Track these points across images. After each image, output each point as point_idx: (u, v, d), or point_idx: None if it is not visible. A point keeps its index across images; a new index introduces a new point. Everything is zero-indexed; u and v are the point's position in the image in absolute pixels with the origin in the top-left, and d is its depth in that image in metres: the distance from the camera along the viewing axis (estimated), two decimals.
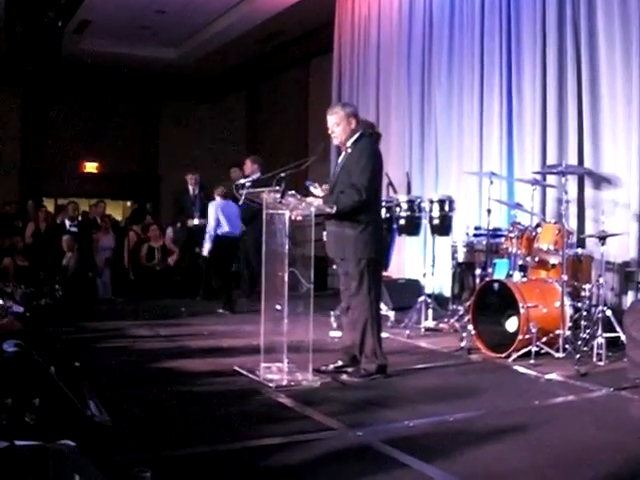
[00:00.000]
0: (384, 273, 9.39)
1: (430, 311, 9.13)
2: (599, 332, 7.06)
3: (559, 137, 9.35)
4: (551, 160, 9.23)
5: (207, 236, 11.60)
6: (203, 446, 4.56)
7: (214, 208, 11.60)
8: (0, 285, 9.92)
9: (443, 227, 9.18)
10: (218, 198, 11.78)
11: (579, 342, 7.14)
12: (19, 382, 4.21)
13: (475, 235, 9.17)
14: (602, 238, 7.42)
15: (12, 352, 5.13)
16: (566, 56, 9.25)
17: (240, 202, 7.07)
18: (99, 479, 3.10)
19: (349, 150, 6.56)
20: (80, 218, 14.24)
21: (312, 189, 6.59)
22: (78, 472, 2.93)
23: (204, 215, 12.45)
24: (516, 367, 6.94)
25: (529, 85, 9.77)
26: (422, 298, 9.08)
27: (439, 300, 9.79)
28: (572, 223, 8.63)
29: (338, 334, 8.09)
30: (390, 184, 10.10)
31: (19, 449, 3.10)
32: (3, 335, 4.19)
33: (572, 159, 8.95)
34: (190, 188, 13.35)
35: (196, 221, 13.02)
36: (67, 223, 13.19)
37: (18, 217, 14.43)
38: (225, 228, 11.65)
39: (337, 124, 6.52)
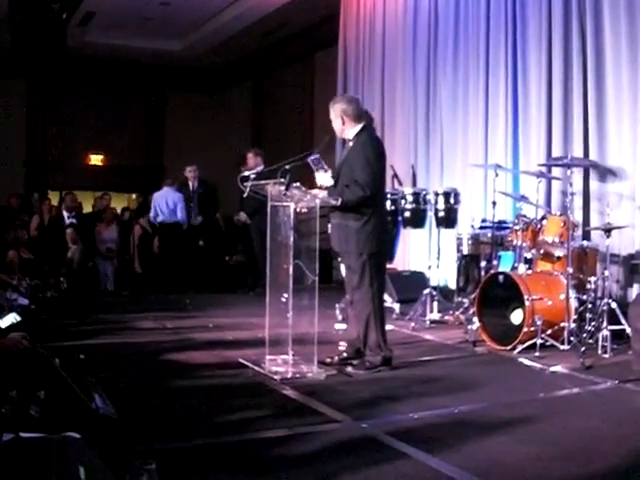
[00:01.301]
0: (389, 265, 9.41)
1: (435, 303, 9.13)
2: (604, 325, 7.05)
3: (564, 129, 9.34)
4: (556, 152, 9.22)
5: None
6: (208, 438, 4.56)
7: (153, 198, 13.00)
8: (5, 278, 9.94)
9: (448, 219, 9.18)
10: (164, 187, 12.99)
11: (584, 335, 7.14)
12: (24, 374, 4.22)
13: (480, 227, 9.16)
14: (607, 230, 7.40)
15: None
16: (572, 49, 9.23)
17: (245, 194, 7.06)
18: (104, 471, 3.11)
19: (351, 143, 6.56)
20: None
21: (318, 174, 6.59)
22: (83, 464, 2.94)
23: (202, 212, 12.95)
24: (521, 359, 6.94)
25: (534, 78, 9.75)
26: (427, 290, 9.09)
27: (444, 292, 9.78)
28: (577, 215, 8.61)
29: (343, 326, 8.10)
30: (395, 176, 10.09)
31: (24, 441, 3.11)
32: (7, 353, 4.19)
33: (577, 151, 8.93)
34: (189, 183, 13.10)
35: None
36: (65, 215, 13.18)
37: (23, 210, 14.45)
38: (159, 217, 12.73)
39: (335, 117, 6.55)
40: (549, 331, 7.15)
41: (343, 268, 6.82)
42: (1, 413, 3.83)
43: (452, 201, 9.16)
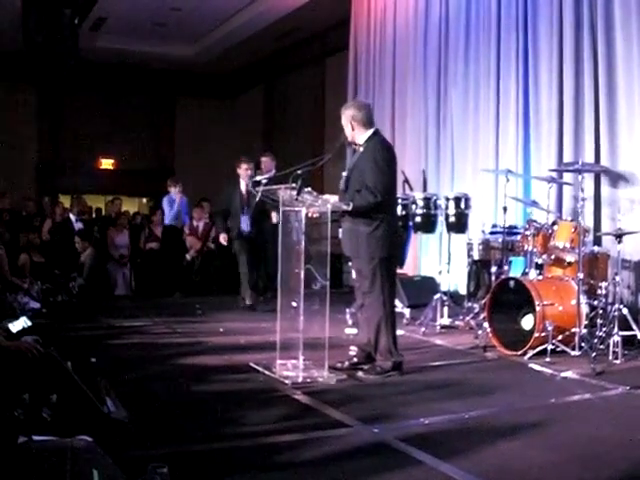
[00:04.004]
0: (400, 270, 9.40)
1: (446, 308, 9.13)
2: (615, 330, 7.04)
3: (575, 135, 9.32)
4: (567, 158, 9.21)
5: None
6: (219, 442, 4.57)
7: None
8: (17, 281, 9.98)
9: (459, 225, 9.17)
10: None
11: (595, 340, 7.11)
12: (37, 378, 4.24)
13: (491, 233, 9.15)
14: (618, 236, 7.39)
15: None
16: (583, 53, 9.21)
17: (257, 199, 7.07)
18: (117, 474, 3.12)
19: (361, 149, 6.56)
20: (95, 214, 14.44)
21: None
22: (96, 467, 2.95)
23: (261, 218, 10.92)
24: (532, 365, 6.93)
25: (546, 83, 9.74)
26: (438, 295, 9.08)
27: (455, 298, 9.77)
28: (588, 221, 8.59)
29: (354, 331, 8.10)
30: (406, 181, 10.10)
31: (37, 444, 3.12)
32: (20, 357, 4.20)
33: (588, 157, 8.92)
34: (241, 182, 11.01)
35: (244, 226, 10.94)
36: (73, 218, 13.21)
37: (35, 214, 14.54)
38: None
39: (345, 123, 6.56)
40: (560, 337, 7.14)
41: (354, 272, 6.82)
42: (14, 416, 3.84)
43: (463, 206, 9.16)
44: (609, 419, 5.22)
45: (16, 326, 5.94)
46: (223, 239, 11.13)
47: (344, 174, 6.67)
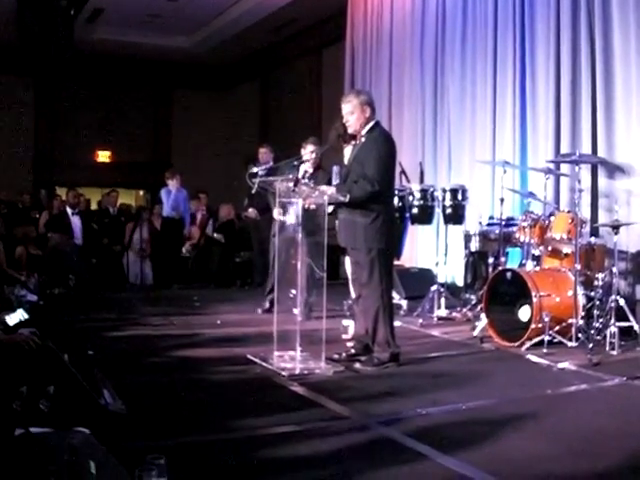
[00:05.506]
0: (397, 262, 9.40)
1: (443, 300, 9.13)
2: (612, 321, 7.04)
3: (572, 126, 9.31)
4: (565, 149, 9.20)
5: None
6: (216, 434, 4.57)
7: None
8: (14, 274, 9.98)
9: (456, 216, 9.17)
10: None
11: (592, 331, 7.12)
12: (34, 370, 4.24)
13: (488, 224, 9.15)
14: (615, 227, 7.38)
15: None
16: (580, 44, 9.20)
17: (253, 190, 7.06)
18: (115, 466, 3.12)
19: (362, 139, 6.52)
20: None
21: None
22: (93, 459, 2.95)
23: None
24: (529, 356, 6.93)
25: (543, 74, 9.73)
26: (435, 287, 9.09)
27: (452, 289, 9.78)
28: (585, 212, 8.58)
29: (351, 323, 8.10)
30: (403, 173, 10.09)
31: (35, 436, 3.12)
32: (18, 349, 4.19)
33: (586, 148, 8.91)
34: (302, 165, 8.69)
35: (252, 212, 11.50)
36: (69, 211, 13.21)
37: (33, 207, 14.53)
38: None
39: (351, 112, 6.46)
40: (557, 328, 7.14)
41: (348, 264, 6.82)
42: (12, 408, 3.84)
43: (460, 198, 9.15)
44: (606, 410, 5.24)
45: (13, 319, 5.93)
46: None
47: (335, 168, 6.64)
